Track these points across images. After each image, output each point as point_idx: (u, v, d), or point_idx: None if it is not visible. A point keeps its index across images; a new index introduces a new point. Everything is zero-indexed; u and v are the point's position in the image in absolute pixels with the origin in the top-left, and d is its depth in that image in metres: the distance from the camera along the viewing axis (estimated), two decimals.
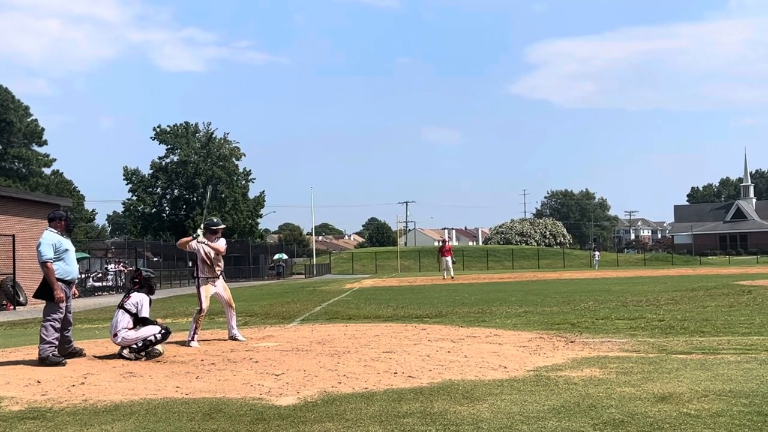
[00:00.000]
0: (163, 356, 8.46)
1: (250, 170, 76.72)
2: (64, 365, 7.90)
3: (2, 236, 22.33)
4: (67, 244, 8.60)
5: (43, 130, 73.96)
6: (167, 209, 73.96)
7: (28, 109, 72.97)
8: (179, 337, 9.85)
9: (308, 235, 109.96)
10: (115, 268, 35.93)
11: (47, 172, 75.39)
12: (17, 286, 22.22)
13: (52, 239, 8.44)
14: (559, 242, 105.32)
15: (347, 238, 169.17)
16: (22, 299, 22.34)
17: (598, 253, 65.52)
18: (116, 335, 8.60)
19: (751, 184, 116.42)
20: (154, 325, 8.71)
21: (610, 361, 7.45)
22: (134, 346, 8.46)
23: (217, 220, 10.65)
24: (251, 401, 5.86)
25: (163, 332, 8.65)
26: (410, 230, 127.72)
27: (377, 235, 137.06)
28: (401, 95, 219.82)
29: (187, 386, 6.61)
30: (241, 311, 13.03)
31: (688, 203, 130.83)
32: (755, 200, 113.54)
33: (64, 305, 8.36)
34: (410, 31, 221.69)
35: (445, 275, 34.63)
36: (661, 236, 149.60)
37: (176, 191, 73.73)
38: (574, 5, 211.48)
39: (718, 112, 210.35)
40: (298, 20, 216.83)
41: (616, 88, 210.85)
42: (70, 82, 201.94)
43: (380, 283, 34.95)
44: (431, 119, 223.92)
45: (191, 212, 69.61)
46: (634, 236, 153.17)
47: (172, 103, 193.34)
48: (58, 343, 8.23)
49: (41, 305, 8.63)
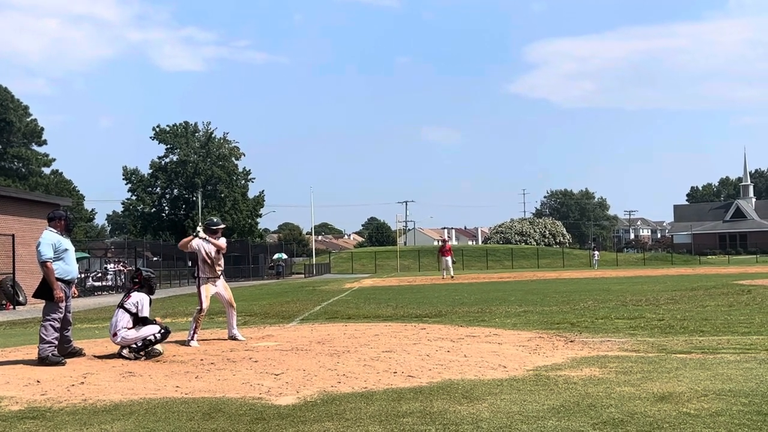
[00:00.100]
0: (162, 356, 8.46)
1: (249, 170, 76.89)
2: (63, 365, 7.89)
3: (2, 236, 22.34)
4: (66, 243, 8.60)
5: (42, 129, 74.00)
6: (167, 209, 73.99)
7: (27, 108, 72.97)
8: (179, 336, 9.85)
9: (308, 234, 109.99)
10: (114, 267, 35.99)
11: (47, 171, 75.36)
12: (17, 285, 22.23)
13: (51, 239, 8.44)
14: (558, 242, 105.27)
15: (347, 237, 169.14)
16: (21, 299, 22.34)
17: (597, 252, 65.67)
18: (116, 335, 8.59)
19: (750, 183, 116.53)
20: (153, 324, 8.71)
21: (609, 360, 7.46)
22: (134, 345, 8.46)
23: (216, 219, 10.66)
24: (251, 401, 5.86)
25: (162, 332, 8.65)
26: (410, 230, 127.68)
27: (377, 234, 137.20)
28: (401, 95, 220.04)
29: (186, 386, 6.61)
30: (240, 311, 13.03)
31: (687, 203, 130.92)
32: (755, 200, 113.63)
33: (63, 305, 8.35)
34: (410, 30, 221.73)
35: (444, 275, 34.63)
36: (660, 236, 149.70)
37: (176, 191, 73.75)
38: (573, 4, 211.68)
39: (717, 111, 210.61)
40: (297, 19, 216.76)
41: (615, 87, 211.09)
42: (69, 81, 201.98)
43: (380, 282, 34.94)
44: (431, 119, 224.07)
45: (190, 212, 69.60)
46: (633, 236, 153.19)
47: (171, 102, 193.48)
48: (57, 342, 8.22)
49: (41, 305, 8.63)
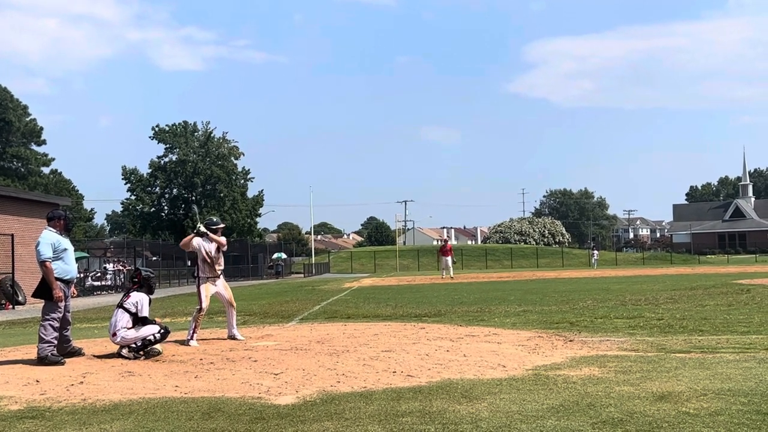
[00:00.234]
0: (162, 355, 8.46)
1: (248, 169, 76.72)
2: (63, 364, 7.89)
3: (1, 236, 22.33)
4: (65, 243, 8.60)
5: (41, 129, 73.97)
6: (166, 208, 73.89)
7: (26, 108, 72.93)
8: (178, 336, 9.85)
9: (307, 234, 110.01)
10: (114, 267, 35.96)
11: (46, 171, 75.30)
12: (16, 285, 22.22)
13: (50, 238, 8.43)
14: (557, 241, 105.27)
15: (346, 237, 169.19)
16: (21, 298, 22.34)
17: (596, 252, 65.73)
18: (115, 334, 8.59)
19: (749, 183, 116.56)
20: (153, 324, 8.71)
21: (608, 360, 7.45)
22: (133, 345, 8.46)
23: (216, 219, 10.69)
24: (250, 400, 5.86)
25: (162, 332, 8.65)
26: (409, 229, 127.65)
27: (376, 234, 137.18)
28: (400, 94, 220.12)
29: (186, 385, 6.61)
30: (239, 310, 13.02)
31: (686, 202, 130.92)
32: (754, 199, 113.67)
33: (62, 304, 8.35)
34: (409, 30, 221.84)
35: (444, 275, 34.65)
36: (659, 235, 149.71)
37: (175, 190, 73.64)
38: (572, 4, 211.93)
39: (716, 110, 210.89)
40: (297, 19, 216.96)
41: (614, 86, 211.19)
42: (68, 81, 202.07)
43: (379, 282, 34.94)
44: (430, 118, 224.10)
45: (190, 212, 69.53)
46: (632, 235, 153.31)
47: (170, 102, 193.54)
48: (56, 342, 8.22)
49: (40, 304, 8.63)
